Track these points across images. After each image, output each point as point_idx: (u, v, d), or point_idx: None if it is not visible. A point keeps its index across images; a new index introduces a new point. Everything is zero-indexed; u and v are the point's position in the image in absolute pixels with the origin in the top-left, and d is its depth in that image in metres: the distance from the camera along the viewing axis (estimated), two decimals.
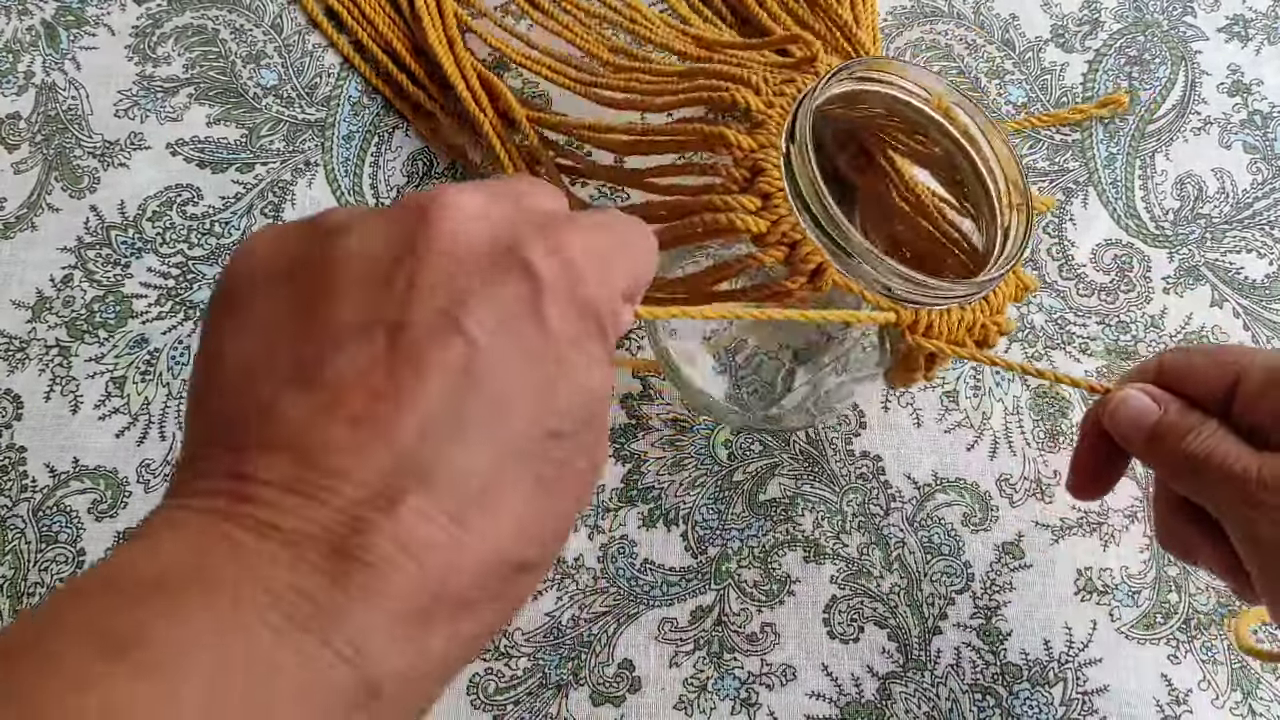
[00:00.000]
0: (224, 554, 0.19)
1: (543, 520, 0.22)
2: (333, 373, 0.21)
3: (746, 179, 0.36)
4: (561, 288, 0.22)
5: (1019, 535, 0.48)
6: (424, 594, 0.20)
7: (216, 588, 0.19)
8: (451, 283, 0.22)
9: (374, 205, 0.54)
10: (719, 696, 0.45)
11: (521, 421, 0.22)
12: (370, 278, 0.22)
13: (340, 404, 0.20)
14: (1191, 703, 0.45)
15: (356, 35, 0.57)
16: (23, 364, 0.50)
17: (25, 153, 0.54)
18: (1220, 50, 0.58)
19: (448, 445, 0.21)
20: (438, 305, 0.21)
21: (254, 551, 0.19)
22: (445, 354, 0.21)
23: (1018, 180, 0.37)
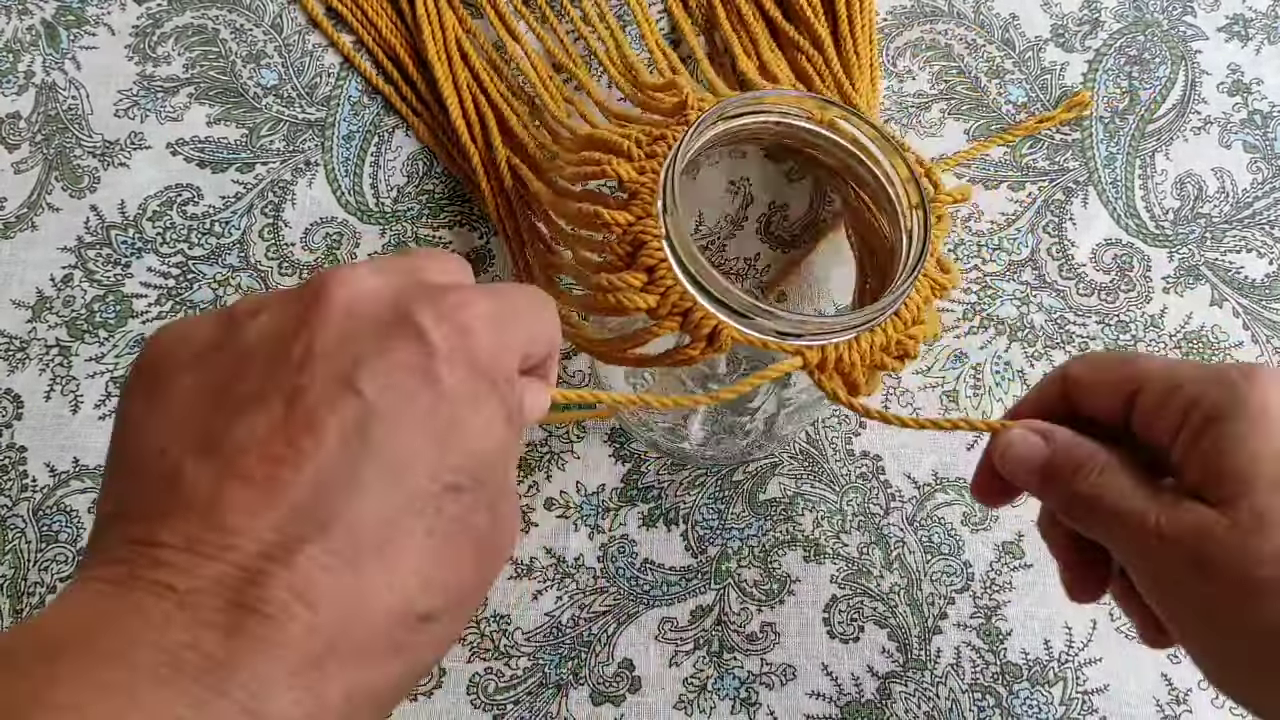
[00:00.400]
0: (121, 618, 0.20)
1: (443, 573, 0.23)
2: (233, 440, 0.22)
3: (629, 254, 0.35)
4: (454, 349, 0.24)
5: (1019, 535, 0.48)
6: (319, 641, 0.21)
7: (111, 651, 0.20)
8: (344, 348, 0.23)
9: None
10: (719, 696, 0.45)
11: (416, 476, 0.23)
12: (272, 352, 0.23)
13: (239, 467, 0.21)
14: (1191, 702, 0.45)
15: (360, 37, 0.57)
16: (23, 364, 0.50)
17: (25, 152, 0.54)
18: (1220, 50, 0.58)
19: (344, 498, 0.22)
20: (332, 370, 0.23)
21: (151, 612, 0.20)
22: (339, 414, 0.22)
23: (908, 178, 0.37)
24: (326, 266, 0.52)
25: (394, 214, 0.54)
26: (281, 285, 0.52)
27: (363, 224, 0.53)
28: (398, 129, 0.55)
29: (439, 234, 0.53)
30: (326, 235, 0.53)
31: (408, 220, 0.53)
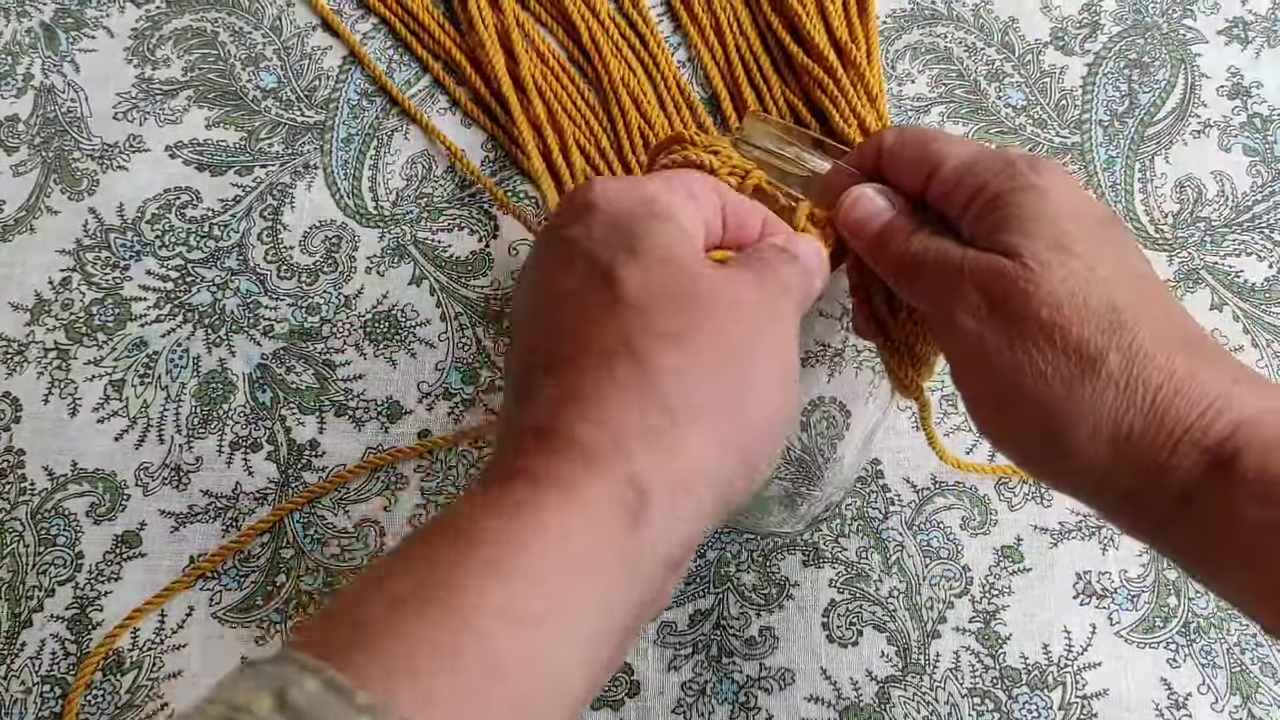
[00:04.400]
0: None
1: (636, 321, 0.28)
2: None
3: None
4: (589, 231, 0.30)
5: (1018, 539, 0.48)
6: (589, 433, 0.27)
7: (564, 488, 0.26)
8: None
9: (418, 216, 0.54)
10: (717, 700, 0.45)
11: (576, 304, 0.29)
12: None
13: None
14: (1191, 707, 0.45)
15: (394, 28, 0.57)
16: (21, 367, 0.50)
17: (24, 155, 0.54)
18: (1220, 53, 0.58)
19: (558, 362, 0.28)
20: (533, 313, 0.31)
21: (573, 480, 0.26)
22: (539, 326, 0.31)
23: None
24: (326, 271, 0.52)
25: (393, 217, 0.53)
26: (281, 289, 0.52)
27: (361, 227, 0.53)
28: (396, 132, 0.55)
29: (438, 237, 0.53)
30: (325, 238, 0.53)
31: (406, 223, 0.53)
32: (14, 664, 0.45)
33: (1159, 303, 0.32)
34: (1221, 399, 0.29)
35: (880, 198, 0.36)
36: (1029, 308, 0.31)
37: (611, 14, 0.58)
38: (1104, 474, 0.30)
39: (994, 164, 0.34)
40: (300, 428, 0.49)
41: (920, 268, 0.33)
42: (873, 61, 0.55)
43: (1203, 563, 0.30)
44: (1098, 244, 0.32)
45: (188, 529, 0.48)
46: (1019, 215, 0.32)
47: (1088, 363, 0.30)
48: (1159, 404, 0.29)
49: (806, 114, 0.55)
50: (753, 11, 0.57)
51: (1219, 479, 0.28)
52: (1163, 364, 0.30)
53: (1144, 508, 0.30)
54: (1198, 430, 0.29)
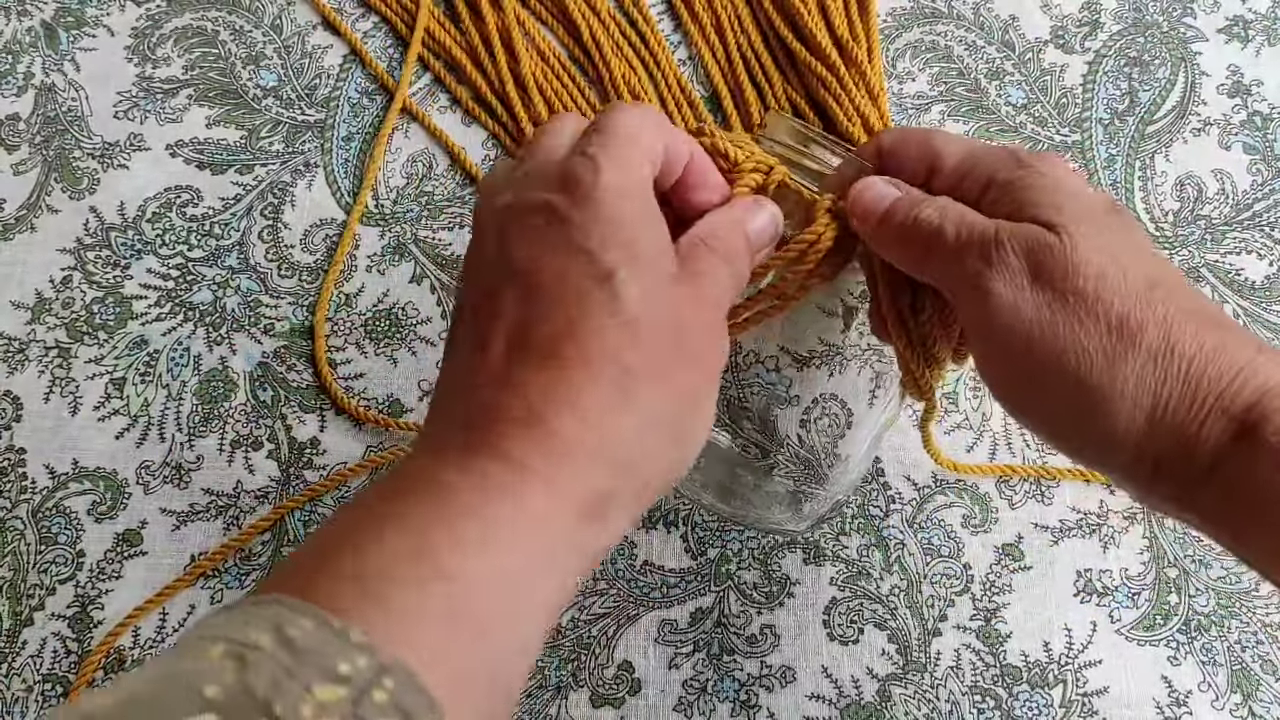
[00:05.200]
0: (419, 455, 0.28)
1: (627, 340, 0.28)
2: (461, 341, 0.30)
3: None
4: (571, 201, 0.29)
5: (1019, 537, 0.48)
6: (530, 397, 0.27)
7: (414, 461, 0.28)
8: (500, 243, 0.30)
9: (374, 210, 0.54)
10: (718, 698, 0.45)
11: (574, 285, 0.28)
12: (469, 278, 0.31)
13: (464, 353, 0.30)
14: (1191, 704, 0.45)
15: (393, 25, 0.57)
16: (22, 365, 0.50)
17: (25, 154, 0.54)
18: (1220, 51, 0.58)
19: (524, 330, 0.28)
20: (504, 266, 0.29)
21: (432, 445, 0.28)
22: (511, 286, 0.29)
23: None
24: (327, 268, 0.52)
25: (393, 215, 0.53)
26: (281, 288, 0.52)
27: (362, 225, 0.53)
28: (397, 130, 0.55)
29: (438, 235, 0.53)
30: (326, 237, 0.53)
31: (407, 222, 0.53)
32: (15, 662, 0.45)
33: (1181, 280, 0.32)
34: (1248, 367, 0.29)
35: (888, 185, 0.36)
36: (1074, 280, 0.30)
37: (612, 12, 0.58)
38: (1139, 446, 0.30)
39: (998, 156, 0.34)
40: (301, 426, 0.49)
41: (938, 237, 0.33)
42: (874, 60, 0.55)
43: (1229, 529, 0.31)
44: (1117, 225, 0.32)
45: (189, 527, 0.48)
46: (1041, 194, 0.32)
47: (1129, 335, 0.30)
48: (1193, 374, 0.30)
49: (809, 111, 0.55)
50: (753, 9, 0.57)
51: (1244, 446, 0.29)
52: (1194, 335, 0.30)
53: (1173, 479, 0.30)
54: (1226, 398, 0.29)
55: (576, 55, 0.57)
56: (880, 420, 0.43)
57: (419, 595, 0.23)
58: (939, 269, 0.34)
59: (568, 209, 0.29)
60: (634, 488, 0.29)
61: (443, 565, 0.24)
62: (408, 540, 0.24)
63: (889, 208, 0.35)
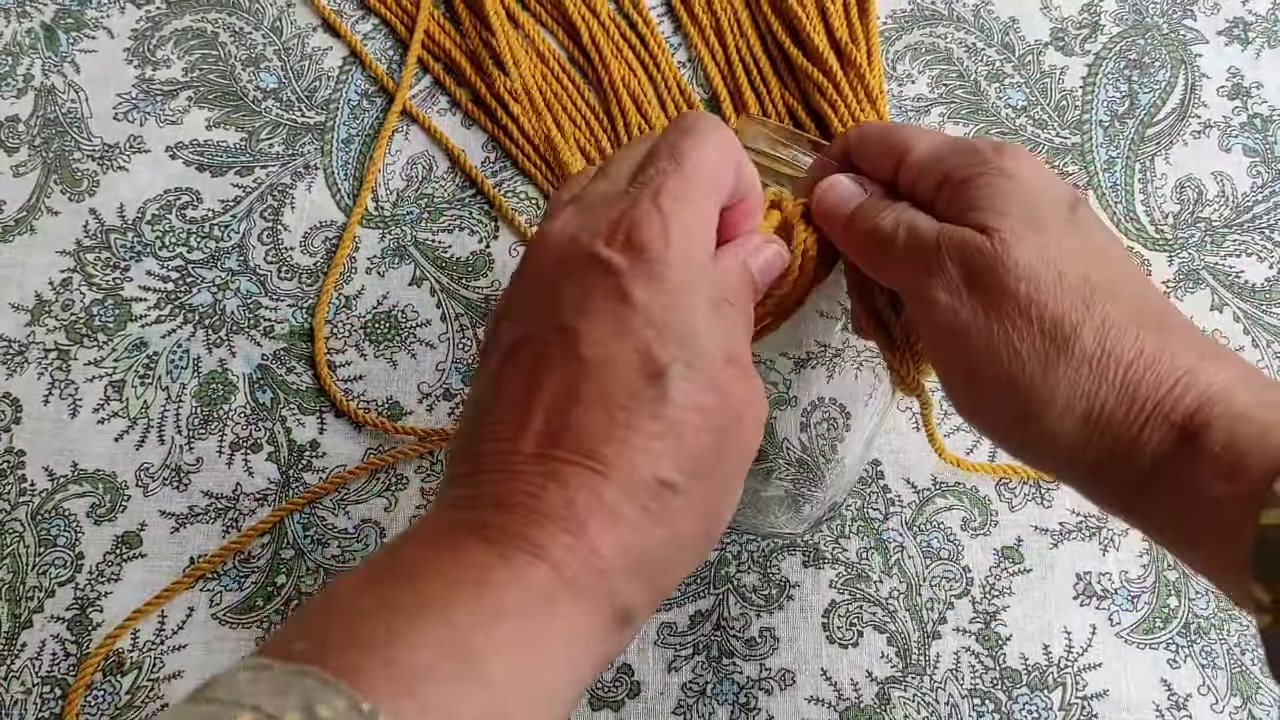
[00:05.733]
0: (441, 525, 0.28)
1: (673, 447, 0.27)
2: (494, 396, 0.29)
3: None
4: (634, 266, 0.28)
5: (1018, 540, 0.48)
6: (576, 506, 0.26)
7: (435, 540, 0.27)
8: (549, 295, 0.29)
9: (373, 211, 0.54)
10: (718, 701, 0.45)
11: (623, 377, 0.27)
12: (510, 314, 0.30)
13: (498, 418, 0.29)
14: (1191, 708, 0.45)
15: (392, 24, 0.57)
16: (21, 367, 0.50)
17: (24, 156, 0.54)
18: (1220, 53, 0.58)
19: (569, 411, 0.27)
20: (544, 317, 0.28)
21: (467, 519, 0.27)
22: (553, 349, 0.28)
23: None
24: (327, 271, 0.52)
25: (393, 218, 0.53)
26: (281, 290, 0.52)
27: (362, 227, 0.53)
28: (397, 133, 0.55)
29: (438, 237, 0.53)
30: (326, 239, 0.53)
31: (407, 224, 0.53)
32: (14, 664, 0.45)
33: (1129, 279, 0.32)
34: (1190, 374, 0.29)
35: (852, 184, 0.36)
36: (1006, 282, 0.30)
37: (612, 14, 0.58)
38: (1074, 449, 0.30)
39: (960, 150, 0.34)
40: (300, 428, 0.49)
41: (891, 244, 0.33)
42: (873, 62, 0.55)
43: (1170, 535, 0.30)
44: (1068, 222, 0.32)
45: (188, 530, 0.48)
46: (990, 195, 0.32)
47: (1062, 339, 0.30)
48: (1130, 380, 0.30)
49: (805, 117, 0.55)
50: (753, 12, 0.57)
51: (1185, 452, 0.29)
52: (1134, 340, 0.30)
53: (1112, 481, 0.30)
54: (1166, 405, 0.29)
55: (576, 58, 0.57)
56: (875, 419, 0.43)
57: (453, 696, 0.23)
58: (893, 275, 0.34)
59: (628, 281, 0.28)
60: (660, 593, 0.28)
61: (480, 668, 0.24)
62: (447, 634, 0.24)
63: (853, 212, 0.35)
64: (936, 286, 0.32)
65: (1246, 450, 0.27)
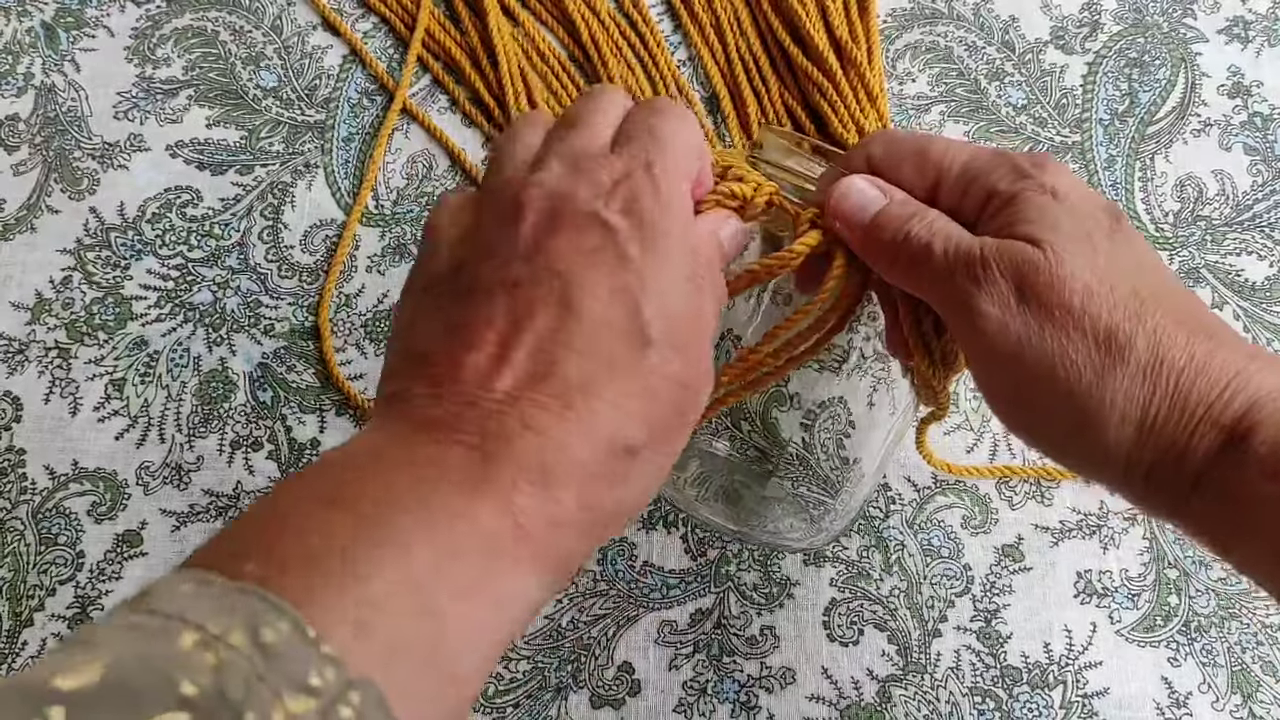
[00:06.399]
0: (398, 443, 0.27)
1: (641, 409, 0.28)
2: (471, 323, 0.28)
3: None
4: (633, 233, 0.29)
5: (1019, 538, 0.48)
6: (548, 455, 0.27)
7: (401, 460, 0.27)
8: (546, 243, 0.29)
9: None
10: (718, 699, 0.45)
11: (613, 334, 0.28)
12: (492, 255, 0.29)
13: (477, 341, 0.28)
14: (1191, 705, 0.45)
15: (391, 23, 0.57)
16: (22, 366, 0.50)
17: (24, 154, 0.54)
18: (1220, 52, 0.58)
19: (555, 356, 0.27)
20: (540, 262, 0.28)
21: (419, 439, 0.27)
22: (547, 292, 0.28)
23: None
24: (327, 269, 0.52)
25: (394, 216, 0.53)
26: (281, 288, 0.52)
27: (362, 226, 0.53)
28: (397, 131, 0.55)
29: None
30: (326, 238, 0.53)
31: (407, 222, 0.53)
32: (15, 663, 0.45)
33: (1174, 290, 0.32)
34: (1239, 377, 0.30)
35: (871, 188, 0.35)
36: (1060, 295, 0.31)
37: (612, 13, 0.58)
38: (1130, 457, 0.31)
39: (1000, 167, 0.34)
40: (301, 427, 0.49)
41: (927, 255, 0.33)
42: (874, 61, 0.55)
43: (1218, 537, 0.31)
44: (1112, 236, 0.32)
45: (189, 528, 0.48)
46: (1038, 210, 0.32)
47: (1117, 350, 0.30)
48: (1182, 386, 0.30)
49: (804, 117, 0.55)
50: (753, 11, 0.57)
51: (1234, 455, 0.29)
52: (1184, 346, 0.30)
53: (1164, 486, 0.31)
54: (1216, 409, 0.29)
55: (576, 56, 0.57)
56: (890, 429, 0.42)
57: (401, 632, 0.23)
58: (928, 287, 0.34)
59: (627, 243, 0.29)
60: (599, 541, 0.29)
61: (429, 608, 0.24)
62: (402, 568, 0.24)
63: (876, 219, 0.34)
64: (985, 300, 0.31)
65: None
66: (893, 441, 0.43)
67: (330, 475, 0.26)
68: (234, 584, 0.22)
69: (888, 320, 0.37)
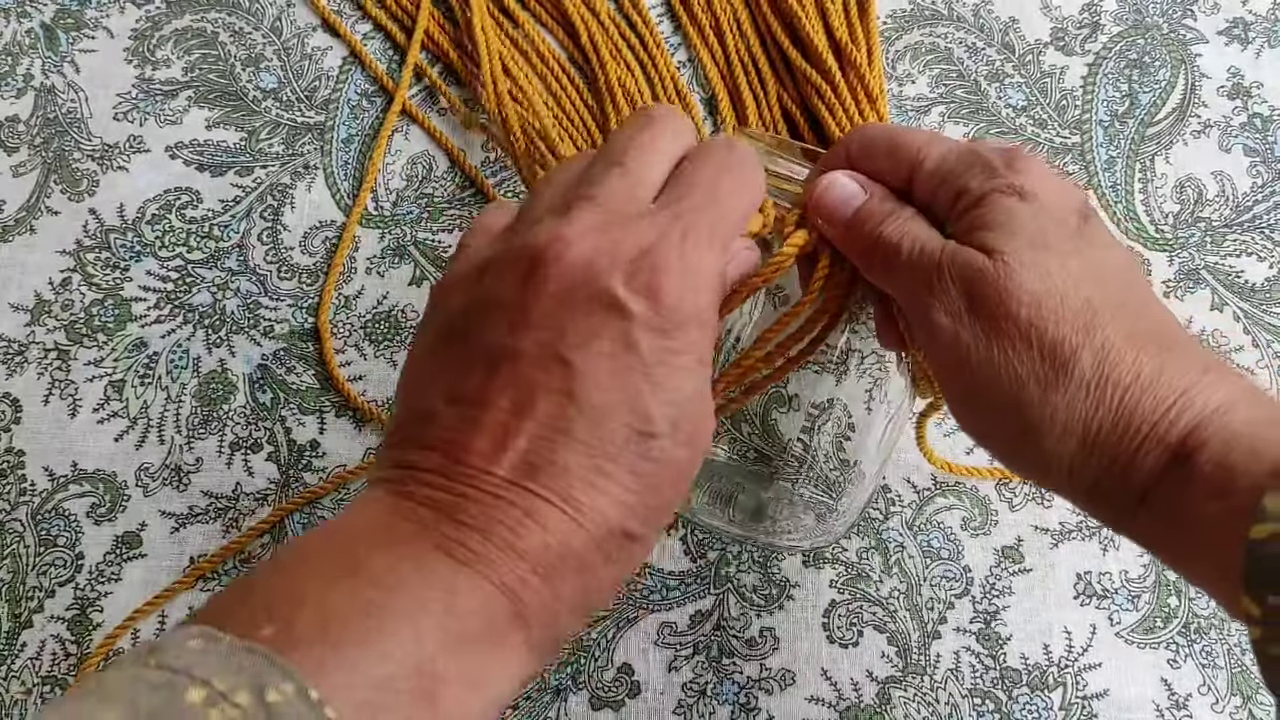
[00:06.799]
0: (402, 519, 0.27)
1: (643, 499, 0.28)
2: (474, 398, 0.28)
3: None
4: (646, 312, 0.28)
5: (1018, 539, 0.48)
6: (549, 553, 0.26)
7: (401, 537, 0.26)
8: (554, 319, 0.28)
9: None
10: (718, 701, 0.45)
11: (615, 427, 0.27)
12: (498, 319, 0.28)
13: (479, 419, 0.27)
14: (1191, 707, 0.45)
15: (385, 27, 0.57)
16: (21, 367, 0.50)
17: (24, 156, 0.54)
18: (1220, 53, 0.58)
19: (556, 447, 0.27)
20: (545, 339, 0.27)
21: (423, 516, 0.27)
22: (547, 379, 0.27)
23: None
24: (326, 271, 0.52)
25: (393, 218, 0.53)
26: (281, 290, 0.52)
27: (362, 227, 0.53)
28: (397, 132, 0.55)
29: (438, 237, 0.53)
30: (325, 239, 0.53)
31: (407, 224, 0.53)
32: (14, 664, 0.45)
33: (1134, 299, 0.32)
34: (1185, 395, 0.29)
35: (852, 183, 0.35)
36: (1007, 306, 0.31)
37: (611, 14, 0.58)
38: (1073, 469, 0.31)
39: (973, 164, 0.33)
40: (300, 428, 0.49)
41: (896, 256, 0.33)
42: (874, 62, 0.55)
43: (1166, 552, 0.31)
44: (1076, 241, 0.32)
45: (188, 530, 0.48)
46: (1000, 215, 0.32)
47: (1061, 364, 0.30)
48: (1127, 403, 0.30)
49: (802, 120, 0.54)
50: (753, 12, 0.57)
51: (1179, 473, 0.29)
52: (1131, 363, 0.30)
53: (1109, 500, 0.31)
54: (1162, 427, 0.29)
55: (575, 57, 0.57)
56: (887, 426, 0.42)
57: (404, 712, 0.23)
58: (895, 288, 0.34)
59: (638, 330, 0.27)
60: (590, 615, 0.30)
61: (434, 692, 0.24)
62: (412, 652, 0.24)
63: (856, 215, 0.34)
64: (938, 307, 0.32)
65: (1236, 468, 0.28)
66: (891, 441, 0.43)
67: (346, 547, 0.26)
68: (242, 643, 0.22)
69: (877, 314, 0.38)
